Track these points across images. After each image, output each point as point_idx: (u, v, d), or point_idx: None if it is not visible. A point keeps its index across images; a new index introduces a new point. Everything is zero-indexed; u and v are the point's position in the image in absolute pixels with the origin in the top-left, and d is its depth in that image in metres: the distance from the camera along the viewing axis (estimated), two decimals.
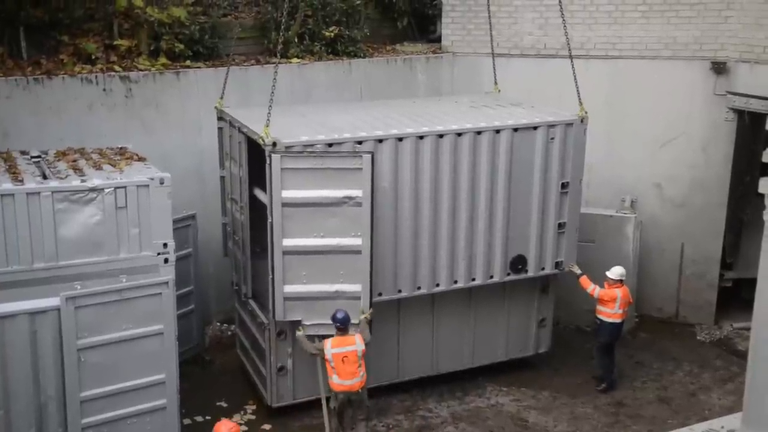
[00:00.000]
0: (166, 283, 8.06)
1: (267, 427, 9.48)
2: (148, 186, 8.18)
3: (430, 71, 13.31)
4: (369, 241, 8.68)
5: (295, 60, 12.28)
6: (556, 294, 10.74)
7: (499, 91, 11.60)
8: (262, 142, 8.38)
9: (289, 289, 8.65)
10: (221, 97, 10.08)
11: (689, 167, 12.11)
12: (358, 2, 13.34)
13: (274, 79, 8.71)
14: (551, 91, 11.67)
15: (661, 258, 12.40)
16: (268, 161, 8.33)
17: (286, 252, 8.54)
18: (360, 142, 8.73)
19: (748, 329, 9.29)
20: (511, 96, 11.25)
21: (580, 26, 12.41)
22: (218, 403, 9.79)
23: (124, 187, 8.09)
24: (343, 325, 8.57)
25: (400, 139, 8.92)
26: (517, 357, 10.67)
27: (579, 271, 10.26)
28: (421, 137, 9.02)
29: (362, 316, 8.82)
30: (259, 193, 9.27)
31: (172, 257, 8.40)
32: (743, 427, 7.77)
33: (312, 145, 8.56)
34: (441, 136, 9.11)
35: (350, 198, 8.57)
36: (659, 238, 12.34)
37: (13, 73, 10.18)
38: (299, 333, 8.78)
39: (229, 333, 11.70)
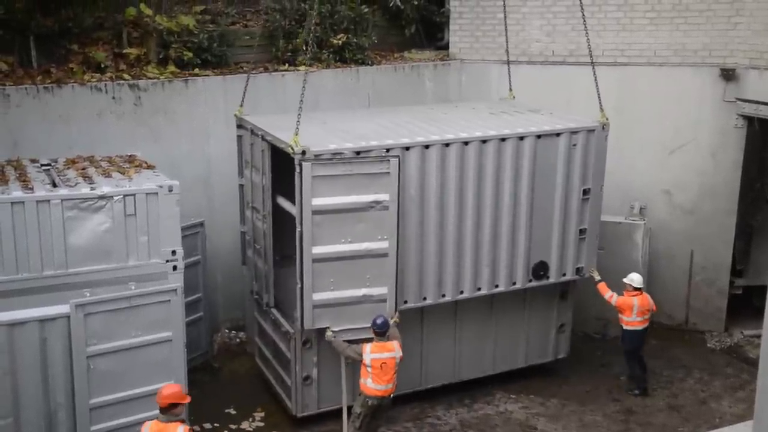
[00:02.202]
0: (175, 290, 8.08)
1: None
2: (156, 194, 8.22)
3: (437, 78, 13.32)
4: (395, 243, 8.69)
5: (302, 67, 12.30)
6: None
7: (514, 97, 11.61)
8: (291, 151, 8.30)
9: (318, 296, 8.60)
10: (241, 105, 10.04)
11: (698, 174, 12.06)
12: (366, 10, 13.37)
13: (303, 87, 8.64)
14: (559, 98, 11.67)
15: (671, 265, 12.34)
16: (298, 169, 8.25)
17: (316, 260, 8.48)
18: (387, 150, 8.68)
19: (759, 336, 9.22)
20: (525, 102, 11.24)
21: (589, 33, 12.37)
22: (226, 411, 9.78)
23: (133, 194, 8.13)
24: (383, 330, 8.52)
25: (427, 147, 8.89)
26: (536, 363, 10.64)
27: (598, 278, 10.29)
28: (447, 144, 8.99)
29: (392, 321, 8.78)
30: (282, 201, 9.22)
31: (180, 264, 8.44)
32: None
33: (340, 153, 8.51)
34: (466, 143, 9.08)
35: (377, 202, 8.58)
36: (669, 244, 12.29)
37: (24, 82, 10.24)
38: (329, 334, 8.71)
39: (238, 340, 11.71)
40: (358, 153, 8.57)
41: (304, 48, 9.29)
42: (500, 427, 9.71)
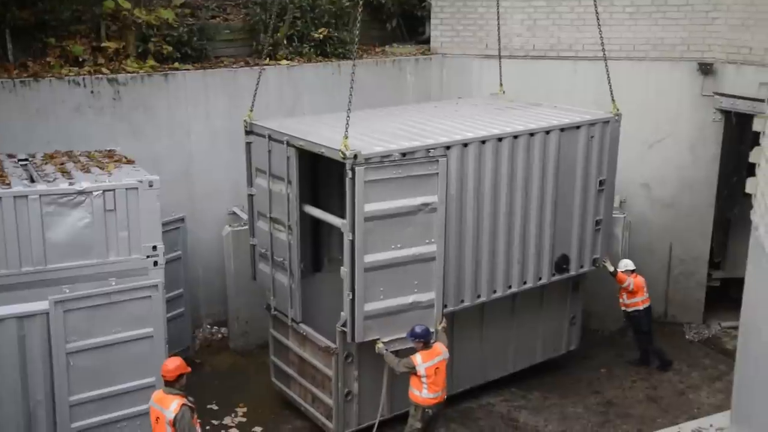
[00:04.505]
0: (156, 286, 8.05)
1: (258, 429, 9.46)
2: (136, 189, 8.18)
3: (419, 72, 13.33)
4: (443, 246, 8.52)
5: (284, 62, 12.27)
6: None
7: (504, 92, 11.65)
8: (342, 156, 7.89)
9: (369, 307, 8.25)
10: (251, 110, 9.39)
11: (677, 168, 12.18)
12: (347, 3, 13.34)
13: (351, 86, 8.24)
14: (540, 93, 11.70)
15: (650, 258, 12.46)
16: (350, 175, 7.87)
17: (368, 268, 8.13)
18: (429, 150, 8.42)
19: (736, 328, 9.36)
20: (518, 97, 11.27)
21: (569, 27, 12.45)
22: (208, 406, 9.75)
23: (113, 189, 8.09)
24: (427, 338, 8.26)
25: (465, 145, 8.68)
26: (551, 357, 10.70)
27: (612, 268, 10.53)
28: (483, 142, 8.83)
29: (440, 326, 8.61)
30: (311, 209, 8.99)
31: (161, 260, 8.41)
32: (732, 425, 7.82)
33: (388, 156, 8.18)
34: (500, 139, 8.98)
35: (426, 204, 8.35)
36: (648, 238, 12.40)
37: (0, 76, 10.11)
38: (381, 347, 8.39)
39: (220, 336, 11.67)
40: (403, 155, 8.25)
41: (356, 40, 8.80)
42: (482, 420, 9.77)
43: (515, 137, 9.10)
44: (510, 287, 9.54)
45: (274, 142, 8.93)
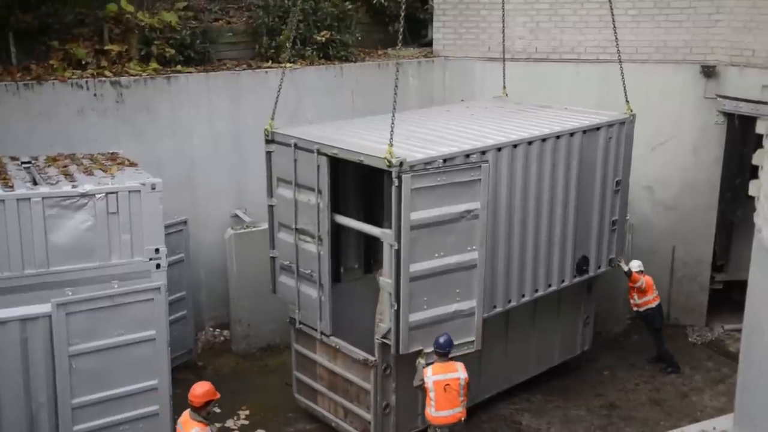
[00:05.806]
0: (158, 288, 8.05)
1: None
2: (139, 191, 8.18)
3: (421, 75, 13.33)
4: (484, 252, 8.39)
5: (288, 65, 12.25)
6: None
7: (507, 95, 11.66)
8: (387, 164, 7.69)
9: (414, 317, 8.06)
10: (272, 118, 9.09)
11: (680, 170, 12.17)
12: (350, 7, 13.35)
13: (396, 86, 8.03)
14: (542, 95, 11.71)
15: (653, 260, 12.41)
16: (396, 183, 7.68)
17: (413, 278, 7.95)
18: (468, 156, 8.34)
19: (739, 331, 9.31)
20: (525, 99, 11.30)
21: (571, 30, 12.46)
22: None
23: (116, 192, 8.10)
24: (445, 350, 8.07)
25: (499, 149, 8.64)
26: (567, 359, 10.70)
27: (627, 267, 10.66)
28: (515, 146, 8.80)
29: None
30: (342, 219, 8.83)
31: (164, 263, 8.40)
32: (735, 428, 7.79)
33: (431, 163, 8.01)
34: (530, 143, 8.94)
35: (469, 211, 8.17)
36: (650, 240, 12.39)
37: (3, 79, 10.12)
38: (421, 362, 8.18)
39: (222, 338, 11.67)
40: (445, 161, 8.10)
41: (400, 36, 8.55)
42: (485, 423, 9.75)
43: (543, 140, 9.10)
44: (537, 290, 9.52)
45: (301, 151, 8.64)
